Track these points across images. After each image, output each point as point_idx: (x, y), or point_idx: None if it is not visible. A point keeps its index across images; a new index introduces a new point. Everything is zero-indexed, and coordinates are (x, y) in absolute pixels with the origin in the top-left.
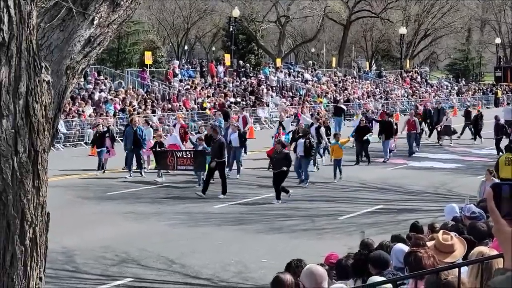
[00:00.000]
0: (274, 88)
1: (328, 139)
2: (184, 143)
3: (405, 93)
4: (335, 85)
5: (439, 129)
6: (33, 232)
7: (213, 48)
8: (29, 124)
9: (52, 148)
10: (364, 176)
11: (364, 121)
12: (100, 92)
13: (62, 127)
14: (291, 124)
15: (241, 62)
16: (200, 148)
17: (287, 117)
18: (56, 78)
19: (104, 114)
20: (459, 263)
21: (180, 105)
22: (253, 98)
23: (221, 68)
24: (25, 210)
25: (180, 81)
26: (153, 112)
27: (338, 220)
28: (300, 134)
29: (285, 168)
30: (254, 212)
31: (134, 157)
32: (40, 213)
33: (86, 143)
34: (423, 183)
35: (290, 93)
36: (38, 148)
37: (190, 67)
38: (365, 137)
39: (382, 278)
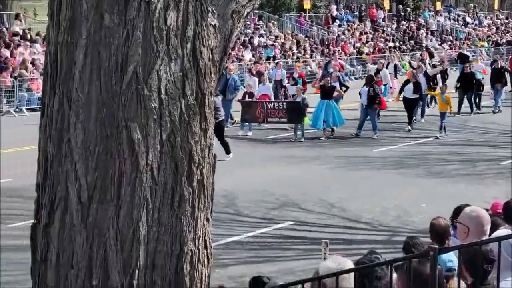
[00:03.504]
0: (434, 32)
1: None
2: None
3: None
4: (497, 28)
5: None
6: (200, 173)
7: None
8: (196, 67)
9: None
10: None
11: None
12: (259, 37)
13: None
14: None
15: (400, 6)
16: (298, 99)
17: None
18: (222, 22)
19: (264, 59)
20: None
21: (339, 50)
22: (412, 42)
23: (380, 13)
24: (193, 152)
25: (339, 25)
26: (311, 57)
27: (500, 165)
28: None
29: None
30: (413, 156)
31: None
32: (207, 155)
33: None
34: None
35: (450, 37)
36: (205, 91)
37: (348, 11)
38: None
39: None
